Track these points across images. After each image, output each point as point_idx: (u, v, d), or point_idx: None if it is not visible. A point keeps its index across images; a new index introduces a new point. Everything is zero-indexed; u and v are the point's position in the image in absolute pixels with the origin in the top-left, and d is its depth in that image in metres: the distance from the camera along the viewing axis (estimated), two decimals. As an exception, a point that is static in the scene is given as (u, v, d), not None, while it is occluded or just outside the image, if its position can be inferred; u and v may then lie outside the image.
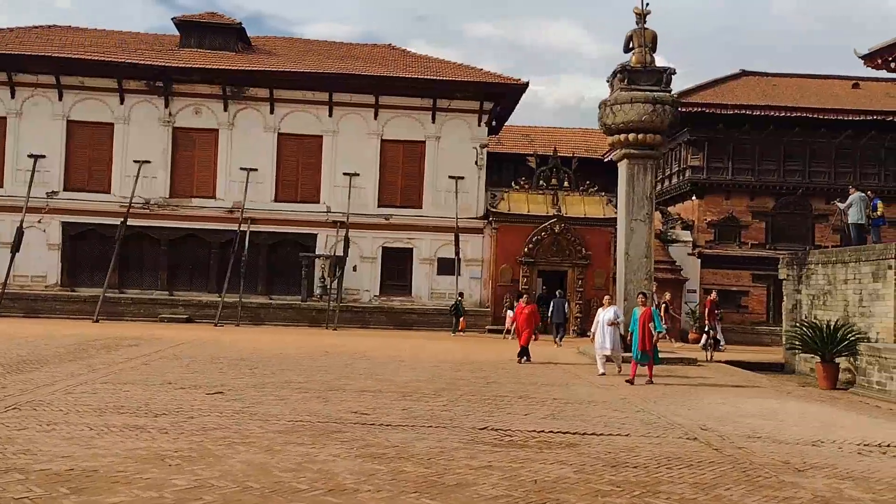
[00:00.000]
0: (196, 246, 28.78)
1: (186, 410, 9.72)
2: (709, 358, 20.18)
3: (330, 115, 29.17)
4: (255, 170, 28.65)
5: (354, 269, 28.43)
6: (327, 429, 8.89)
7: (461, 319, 26.24)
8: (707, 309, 23.52)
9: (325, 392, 11.72)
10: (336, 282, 27.49)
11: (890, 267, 15.53)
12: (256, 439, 8.18)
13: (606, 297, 16.78)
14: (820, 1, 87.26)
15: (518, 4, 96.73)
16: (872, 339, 15.78)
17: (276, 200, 28.89)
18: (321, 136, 29.22)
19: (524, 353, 17.38)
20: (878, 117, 29.79)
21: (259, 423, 9.11)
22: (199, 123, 29.01)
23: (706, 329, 22.86)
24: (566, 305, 23.71)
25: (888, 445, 9.19)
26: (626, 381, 14.17)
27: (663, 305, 24.07)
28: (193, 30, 30.59)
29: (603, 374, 15.22)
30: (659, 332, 14.57)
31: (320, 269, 28.21)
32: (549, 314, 23.73)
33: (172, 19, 31.05)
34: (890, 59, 17.88)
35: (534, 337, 17.70)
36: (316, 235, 28.78)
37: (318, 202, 28.96)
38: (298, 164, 29.23)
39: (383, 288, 28.80)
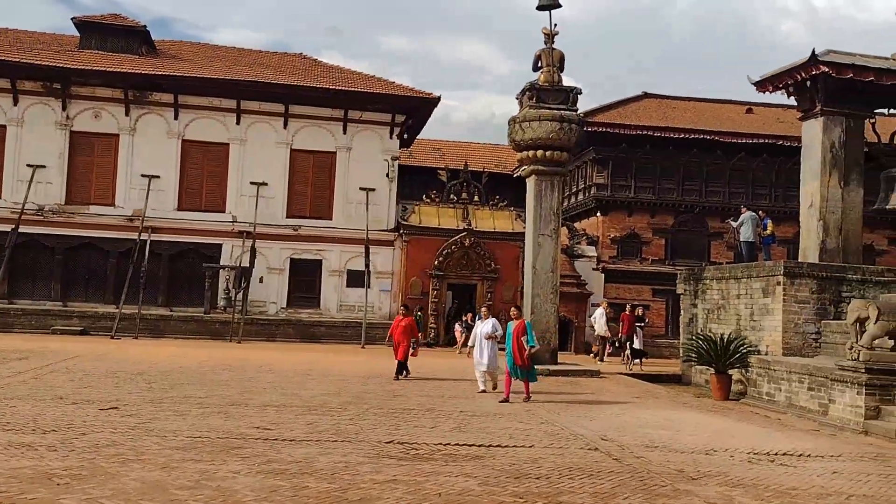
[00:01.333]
0: (93, 255, 27.60)
1: (78, 426, 9.28)
2: (629, 369, 21.57)
3: (237, 123, 28.58)
4: (158, 177, 27.76)
5: (261, 280, 27.86)
6: (228, 444, 8.65)
7: (420, 334, 25.99)
8: (624, 323, 24.44)
9: (226, 407, 11.42)
10: (241, 293, 26.86)
11: (779, 283, 16.36)
12: (152, 456, 7.89)
13: (484, 308, 15.56)
14: (716, 28, 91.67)
15: (432, 20, 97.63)
16: (762, 351, 16.56)
17: (178, 209, 28.04)
18: (228, 144, 28.58)
19: (402, 368, 16.10)
20: (770, 141, 31.42)
21: (156, 439, 8.78)
22: (98, 128, 27.91)
23: (624, 342, 24.16)
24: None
25: (776, 454, 9.65)
26: (501, 400, 13.22)
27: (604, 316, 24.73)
28: (94, 31, 29.47)
29: (483, 391, 14.37)
30: (531, 347, 13.54)
31: (225, 281, 27.50)
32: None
33: (72, 19, 29.84)
34: (780, 85, 18.85)
35: (412, 352, 16.33)
36: (221, 246, 28.06)
37: (223, 211, 28.26)
38: (203, 172, 28.47)
39: (291, 300, 28.32)
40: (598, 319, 24.74)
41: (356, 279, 28.19)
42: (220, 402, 11.91)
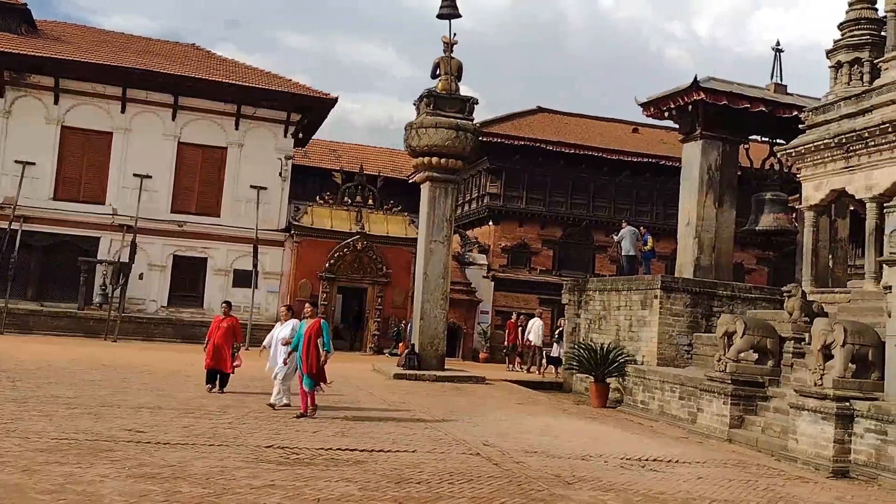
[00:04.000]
0: (-44, 243, 25.77)
1: (-72, 427, 8.64)
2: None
3: (122, 112, 27.34)
4: (33, 164, 26.18)
5: (141, 277, 26.71)
6: (96, 447, 8.25)
7: (401, 344, 25.04)
8: (510, 331, 24.94)
9: (97, 408, 10.89)
10: (119, 290, 25.68)
11: (656, 296, 17.10)
12: (13, 458, 7.43)
13: (283, 308, 13.49)
14: (607, 49, 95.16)
15: (333, 19, 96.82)
16: (639, 361, 17.25)
17: (55, 199, 26.52)
18: (111, 133, 27.29)
19: (214, 377, 13.76)
20: (653, 161, 32.90)
21: (17, 440, 8.27)
22: (-32, 108, 26.14)
23: (511, 350, 25.10)
24: None
25: (647, 459, 10.07)
26: (297, 415, 11.49)
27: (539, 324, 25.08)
28: (-32, 5, 27.60)
29: (281, 404, 12.21)
30: (327, 353, 11.65)
31: (102, 276, 26.21)
32: (406, 334, 24.20)
33: (-57, -9, 27.81)
34: (664, 108, 19.77)
35: (235, 361, 13.74)
36: (99, 239, 26.71)
37: (103, 203, 26.92)
38: (83, 161, 27.05)
39: (172, 299, 27.28)
40: (536, 330, 25.04)
41: (243, 279, 27.47)
42: (91, 402, 11.35)
